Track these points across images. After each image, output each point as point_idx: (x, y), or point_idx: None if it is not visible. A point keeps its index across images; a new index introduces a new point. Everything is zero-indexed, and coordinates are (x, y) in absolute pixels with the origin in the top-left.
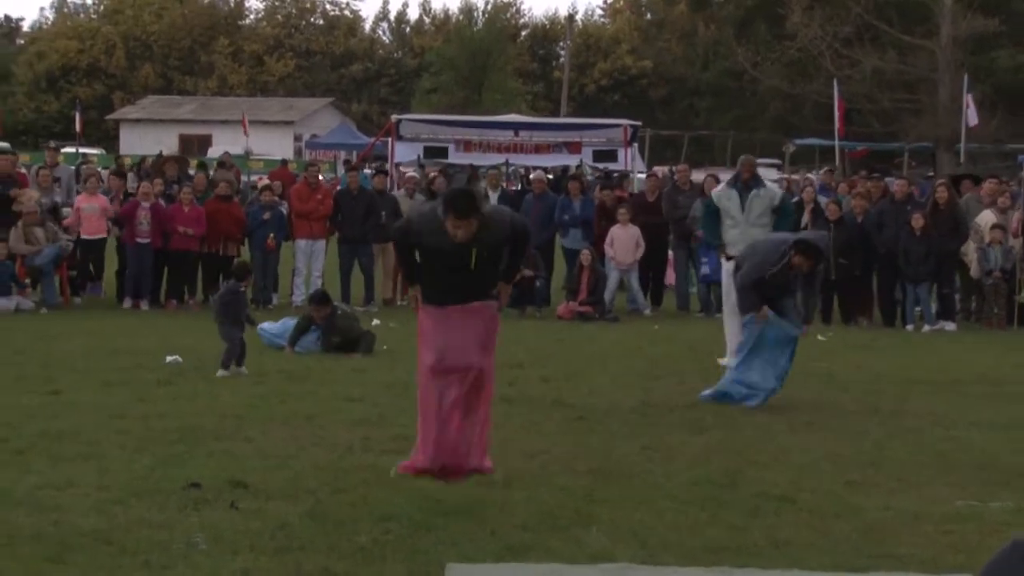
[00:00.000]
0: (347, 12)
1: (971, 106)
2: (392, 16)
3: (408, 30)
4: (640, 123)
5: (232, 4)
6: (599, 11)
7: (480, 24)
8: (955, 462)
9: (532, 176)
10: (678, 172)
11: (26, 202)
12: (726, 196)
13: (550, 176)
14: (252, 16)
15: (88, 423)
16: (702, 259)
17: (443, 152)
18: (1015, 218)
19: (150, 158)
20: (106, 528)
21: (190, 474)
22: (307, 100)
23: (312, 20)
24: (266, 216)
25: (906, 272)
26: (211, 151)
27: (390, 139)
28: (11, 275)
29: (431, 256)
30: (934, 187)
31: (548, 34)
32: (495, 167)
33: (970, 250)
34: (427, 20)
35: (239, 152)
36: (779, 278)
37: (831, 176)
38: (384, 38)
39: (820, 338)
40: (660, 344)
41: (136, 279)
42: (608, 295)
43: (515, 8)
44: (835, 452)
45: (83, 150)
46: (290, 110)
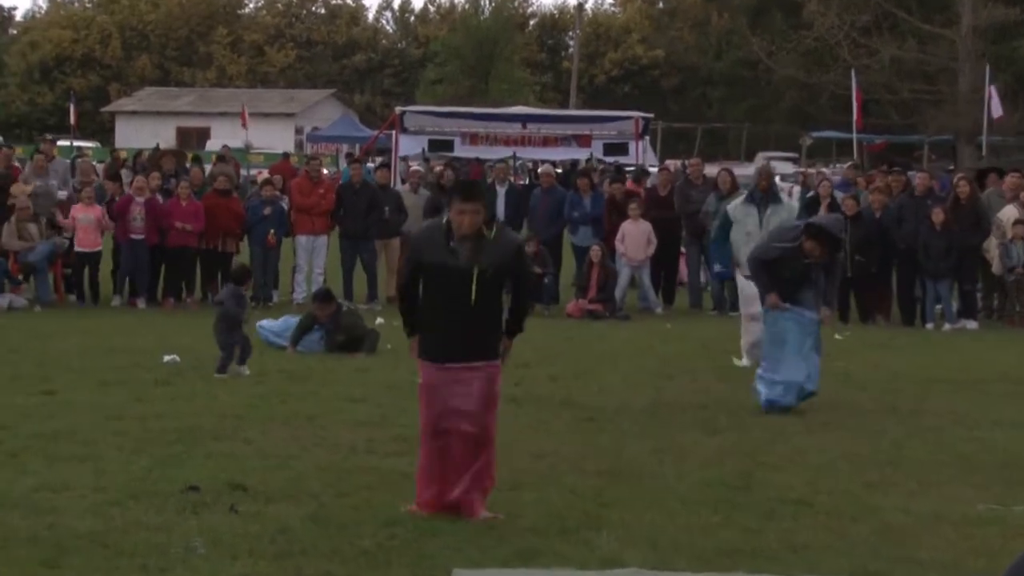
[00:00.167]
0: (349, 1)
1: (995, 97)
2: (396, 4)
3: (412, 19)
4: (652, 115)
5: None
6: None
7: (487, 13)
8: (977, 463)
9: (540, 170)
10: (691, 166)
11: (18, 195)
12: (743, 211)
13: (559, 170)
14: (252, 5)
15: (84, 424)
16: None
17: (449, 145)
18: None
19: (147, 151)
20: (102, 531)
21: (188, 476)
22: (308, 92)
23: (313, 9)
24: (266, 211)
25: (926, 268)
26: (210, 144)
27: (394, 132)
28: (4, 271)
29: (432, 279)
30: (955, 181)
31: (557, 23)
32: (502, 160)
33: (992, 246)
34: (432, 9)
35: (238, 145)
36: (794, 264)
37: (854, 171)
38: (388, 27)
39: (837, 337)
40: (672, 342)
41: (130, 276)
42: (619, 292)
43: None
44: (853, 453)
45: (78, 143)
46: (291, 102)
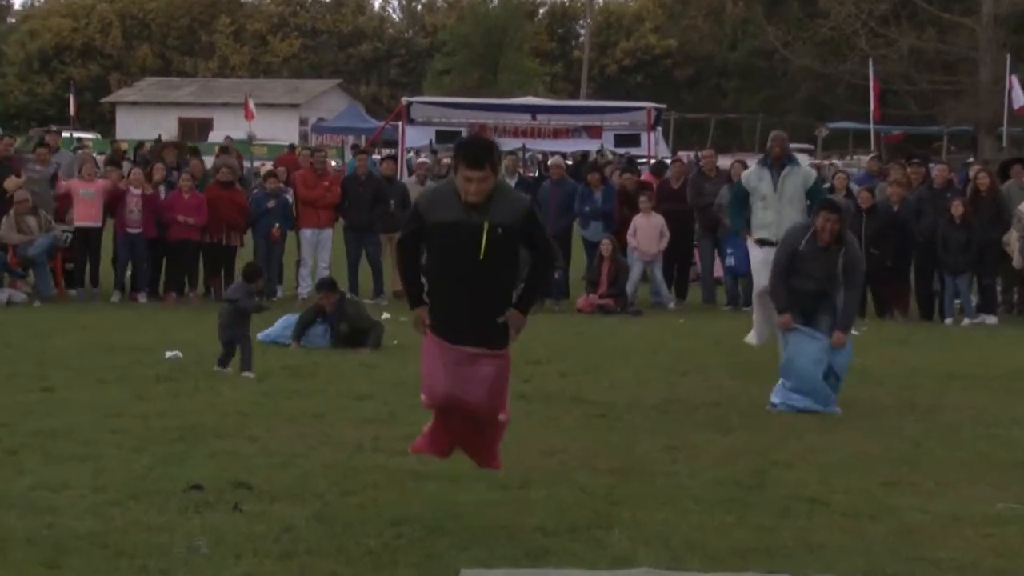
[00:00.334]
0: None
1: (1016, 87)
2: None
3: (419, 8)
4: (664, 106)
5: None
6: None
7: (495, 1)
8: (996, 461)
9: (550, 162)
10: (704, 158)
11: (11, 188)
12: (756, 176)
13: (569, 162)
14: None
15: (84, 422)
16: (728, 250)
17: (456, 136)
18: None
19: (148, 143)
20: (103, 531)
21: (191, 475)
22: (313, 82)
23: None
24: (270, 204)
25: (945, 262)
26: (212, 135)
27: (401, 123)
28: (3, 265)
29: (439, 239)
30: (975, 173)
31: (567, 11)
32: (511, 152)
33: (1012, 239)
34: None
35: (242, 137)
36: (815, 260)
37: (877, 163)
38: (394, 16)
39: (854, 332)
40: (685, 338)
41: (129, 270)
42: (630, 287)
43: None
44: (869, 451)
45: (78, 134)
46: (295, 92)
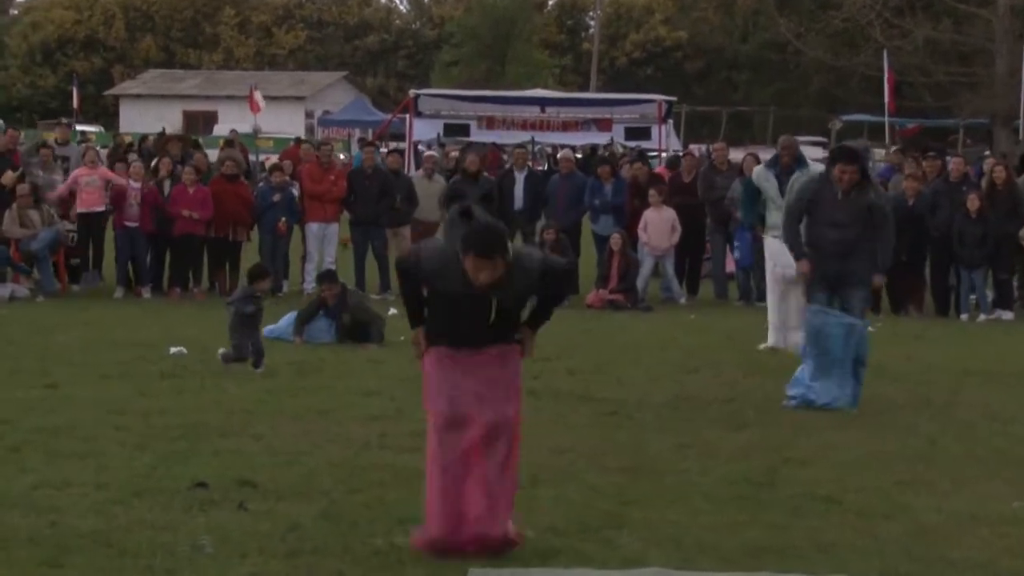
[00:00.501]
0: None
1: None
2: None
3: None
4: (675, 98)
5: None
6: None
7: None
8: (1012, 458)
9: (560, 155)
10: (715, 151)
11: (7, 183)
12: (765, 178)
13: (578, 155)
14: None
15: (86, 419)
16: (735, 242)
17: (464, 129)
18: None
19: (151, 136)
20: (106, 530)
21: (195, 473)
22: (319, 74)
23: None
24: (275, 198)
25: (961, 257)
26: (217, 128)
27: (408, 116)
28: (6, 259)
29: (441, 301)
30: (990, 166)
31: (576, 3)
32: (520, 145)
33: None
34: None
35: (247, 130)
36: (837, 206)
37: (900, 156)
38: (401, 7)
39: (869, 329)
40: (696, 334)
41: (127, 265)
42: (641, 282)
43: None
44: (883, 448)
45: (81, 127)
46: (301, 85)
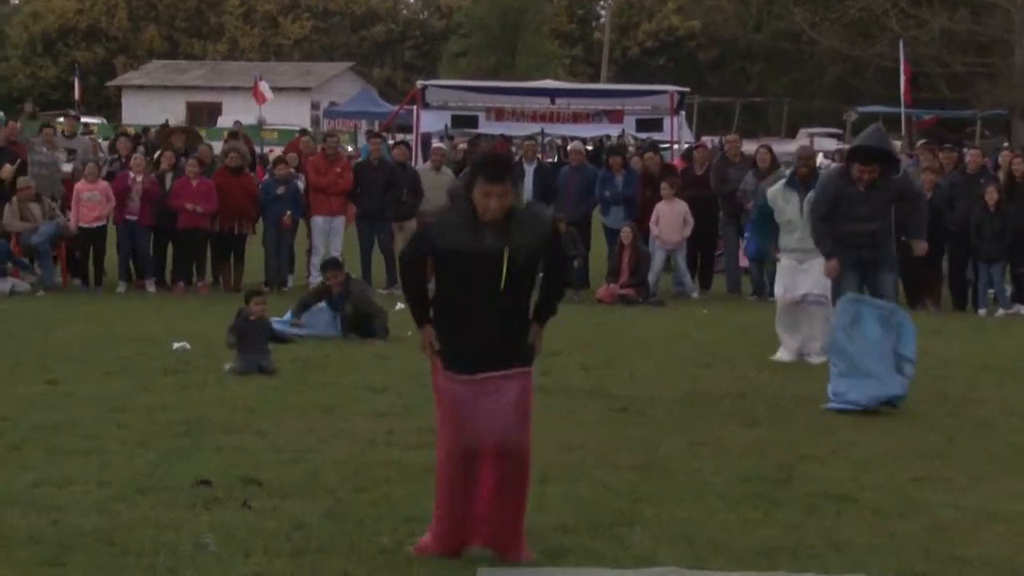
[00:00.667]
0: None
1: None
2: None
3: None
4: (688, 89)
5: None
6: None
7: None
8: None
9: (569, 147)
10: (728, 143)
11: (5, 177)
12: (783, 197)
13: (589, 147)
14: None
15: (88, 415)
16: (745, 234)
17: (473, 121)
18: None
19: (154, 128)
20: (108, 528)
21: (198, 470)
22: (325, 65)
23: None
24: (280, 191)
25: (978, 250)
26: (221, 120)
27: (415, 107)
28: (6, 254)
29: (453, 269)
30: (1008, 159)
31: None
32: (530, 137)
33: None
34: None
35: (251, 122)
36: (862, 201)
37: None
38: None
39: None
40: (709, 329)
41: (131, 259)
42: (652, 276)
43: None
44: (899, 446)
45: (83, 119)
46: (307, 75)
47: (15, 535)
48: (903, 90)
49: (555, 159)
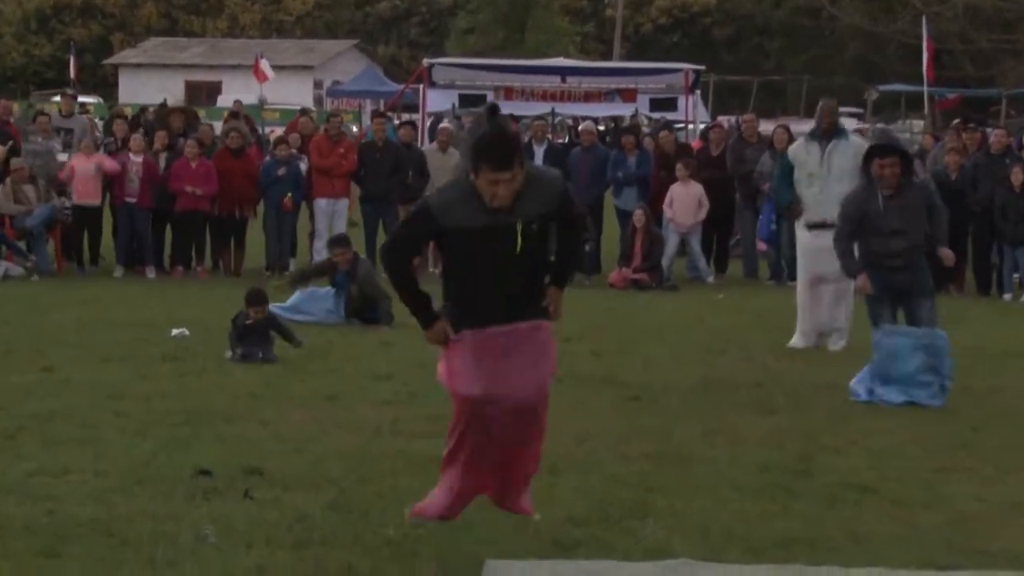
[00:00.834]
0: None
1: None
2: None
3: None
4: (703, 67)
5: None
6: None
7: None
8: None
9: (581, 127)
10: (744, 122)
11: None
12: (804, 150)
13: (600, 127)
14: None
15: (84, 403)
16: (761, 217)
17: (481, 100)
18: None
19: (152, 108)
20: (105, 519)
21: (198, 460)
22: (328, 42)
23: None
24: (281, 172)
25: (1003, 233)
26: (221, 99)
27: (421, 86)
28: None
29: (462, 246)
30: None
31: None
32: (540, 117)
33: None
34: None
35: (252, 101)
36: (891, 213)
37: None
38: None
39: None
40: (724, 315)
41: (128, 244)
42: (666, 260)
43: None
44: (922, 435)
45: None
46: (309, 53)
47: (10, 525)
48: (926, 68)
49: (566, 140)
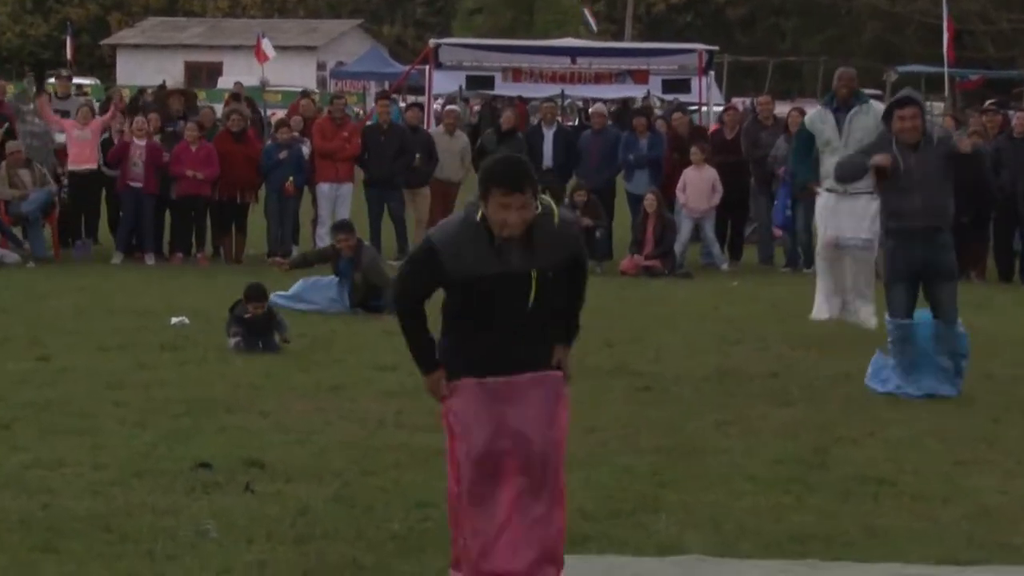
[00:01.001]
0: None
1: None
2: None
3: None
4: (717, 48)
5: None
6: None
7: None
8: None
9: (591, 109)
10: (760, 105)
11: None
12: (820, 118)
13: (612, 109)
14: None
15: (82, 393)
16: (775, 202)
17: (488, 82)
18: None
19: (151, 90)
20: (103, 513)
21: (198, 452)
22: (332, 22)
23: None
24: (282, 155)
25: None
26: (221, 81)
27: (428, 67)
28: None
29: (469, 295)
30: None
31: None
32: (549, 99)
33: None
34: None
35: (253, 83)
36: (912, 166)
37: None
38: None
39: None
40: (739, 303)
41: (131, 231)
42: (679, 247)
43: None
44: (941, 427)
45: (76, 80)
46: (312, 33)
47: (5, 519)
48: (946, 49)
49: (576, 122)
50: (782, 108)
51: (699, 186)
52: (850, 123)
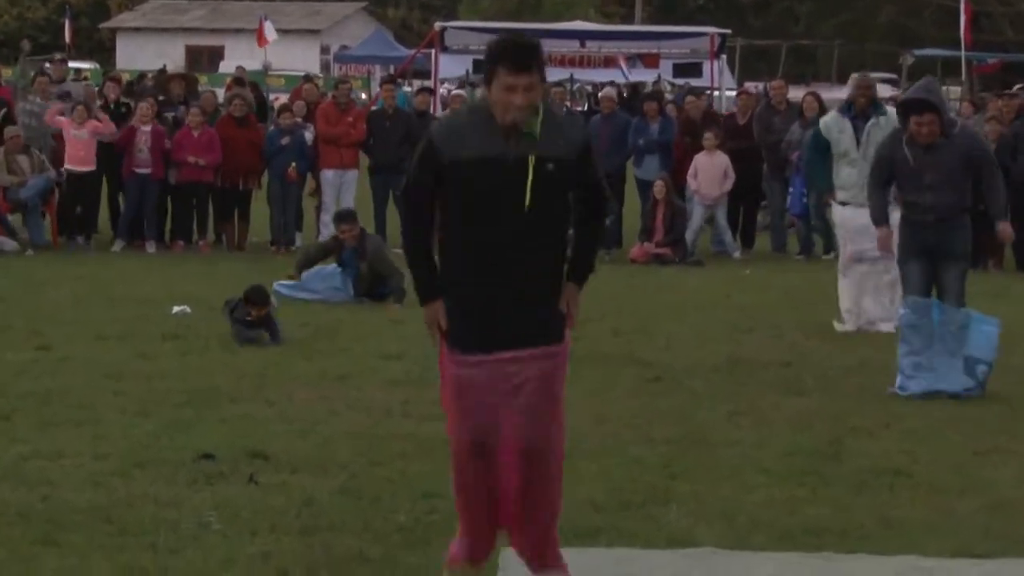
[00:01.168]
0: None
1: None
2: None
3: None
4: (729, 31)
5: None
6: None
7: None
8: None
9: (601, 94)
10: (773, 89)
11: None
12: (837, 127)
13: (623, 94)
14: None
15: (82, 383)
16: (789, 188)
17: None
18: None
19: (151, 74)
20: (104, 505)
21: (201, 443)
22: (336, 4)
23: None
24: (285, 141)
25: None
26: (223, 65)
27: (433, 51)
28: None
29: (466, 183)
30: None
31: None
32: (558, 83)
33: None
34: None
35: (256, 67)
36: (925, 163)
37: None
38: None
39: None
40: (751, 291)
41: (135, 218)
42: (690, 234)
43: None
44: (958, 418)
45: (74, 64)
46: (316, 16)
47: (4, 511)
48: (963, 32)
49: (585, 107)
50: (796, 93)
51: (711, 172)
52: (868, 135)
